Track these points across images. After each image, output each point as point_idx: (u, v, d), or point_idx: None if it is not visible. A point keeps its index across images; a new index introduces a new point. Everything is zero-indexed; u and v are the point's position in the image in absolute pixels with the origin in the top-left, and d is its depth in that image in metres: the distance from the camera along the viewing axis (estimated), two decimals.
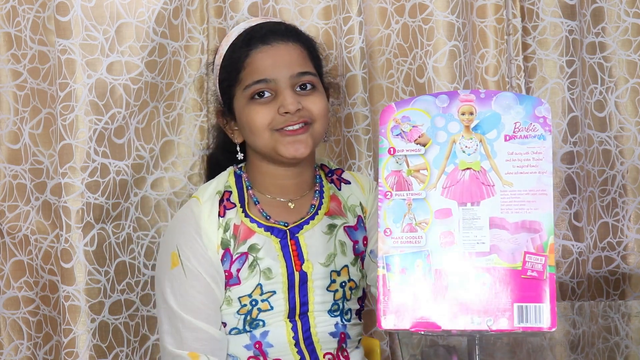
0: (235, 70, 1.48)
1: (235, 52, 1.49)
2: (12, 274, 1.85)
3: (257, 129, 1.45)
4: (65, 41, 1.73)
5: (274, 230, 1.49)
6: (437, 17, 1.87)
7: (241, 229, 1.48)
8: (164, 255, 1.47)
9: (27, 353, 1.88)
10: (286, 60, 1.46)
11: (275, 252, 1.47)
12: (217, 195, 1.50)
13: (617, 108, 2.02)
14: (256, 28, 1.50)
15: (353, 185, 1.59)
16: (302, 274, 1.48)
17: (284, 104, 1.43)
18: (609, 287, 2.06)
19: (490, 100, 1.25)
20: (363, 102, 1.85)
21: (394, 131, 1.28)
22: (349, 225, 1.54)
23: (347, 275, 1.51)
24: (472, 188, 1.25)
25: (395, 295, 1.27)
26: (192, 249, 1.44)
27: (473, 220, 1.25)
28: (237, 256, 1.46)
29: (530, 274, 1.23)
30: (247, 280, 1.46)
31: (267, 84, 1.44)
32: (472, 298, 1.24)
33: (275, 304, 1.47)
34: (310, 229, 1.51)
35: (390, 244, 1.27)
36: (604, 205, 2.05)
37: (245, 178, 1.53)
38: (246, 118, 1.46)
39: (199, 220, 1.46)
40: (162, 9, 1.81)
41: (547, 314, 1.22)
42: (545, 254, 1.22)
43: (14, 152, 1.84)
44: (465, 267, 1.25)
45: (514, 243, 1.23)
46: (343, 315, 1.52)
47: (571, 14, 1.96)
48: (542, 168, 1.22)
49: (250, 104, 1.46)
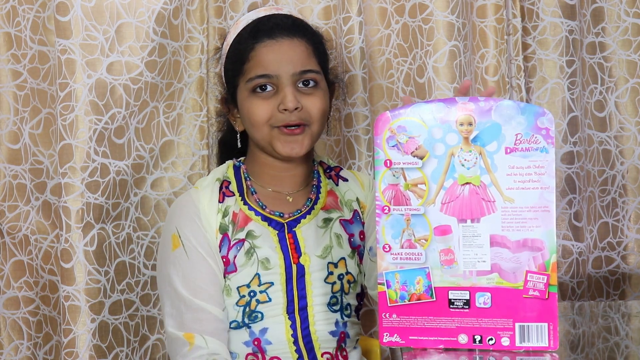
0: (240, 61, 1.49)
1: (242, 43, 1.50)
2: (12, 274, 1.85)
3: (257, 123, 1.47)
4: (65, 41, 1.73)
5: (271, 222, 1.50)
6: (437, 17, 1.87)
7: (240, 216, 1.50)
8: (165, 238, 1.50)
9: (27, 353, 1.88)
10: (290, 56, 1.47)
11: (274, 244, 1.49)
12: (217, 182, 1.52)
13: (617, 108, 2.02)
14: (263, 20, 1.51)
15: (351, 182, 1.60)
16: (299, 267, 1.49)
17: (284, 101, 1.45)
18: (609, 287, 2.06)
19: (490, 110, 1.20)
20: (363, 102, 1.85)
21: (389, 142, 1.24)
22: (345, 218, 1.55)
23: (345, 267, 1.52)
24: (472, 204, 1.22)
25: (395, 312, 1.26)
26: (192, 230, 1.46)
27: (473, 238, 1.22)
28: (234, 242, 1.48)
29: (532, 294, 1.21)
30: (244, 267, 1.47)
31: (269, 79, 1.46)
32: (474, 317, 1.23)
33: (274, 295, 1.47)
34: (307, 223, 1.52)
35: (390, 260, 1.26)
36: (604, 205, 2.04)
37: (244, 170, 1.56)
38: (247, 110, 1.48)
39: (198, 204, 1.48)
40: (162, 9, 1.80)
41: (549, 334, 1.21)
42: (548, 272, 1.19)
43: (14, 152, 1.84)
44: (466, 285, 1.23)
45: (515, 262, 1.21)
46: (343, 311, 1.52)
47: (571, 14, 1.96)
48: (544, 183, 1.19)
49: (251, 97, 1.48)
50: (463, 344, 1.24)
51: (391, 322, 1.27)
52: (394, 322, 1.27)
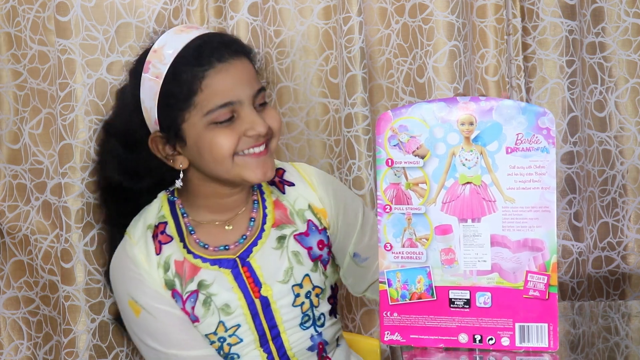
0: (187, 93, 1.34)
1: (184, 72, 1.34)
2: (12, 274, 1.85)
3: (222, 156, 1.35)
4: (65, 41, 1.73)
5: (221, 263, 1.42)
6: (437, 17, 1.87)
7: (185, 266, 1.41)
8: (123, 306, 1.43)
9: (27, 353, 1.88)
10: (245, 77, 1.36)
11: (229, 285, 1.41)
12: (148, 231, 1.43)
13: (617, 108, 2.02)
14: (203, 43, 1.35)
15: (299, 186, 1.51)
16: (262, 299, 1.42)
17: (254, 126, 1.35)
18: (609, 287, 2.06)
19: (491, 110, 1.20)
20: (363, 102, 1.85)
21: (391, 141, 1.24)
22: (299, 232, 1.47)
23: (310, 283, 1.45)
24: (473, 204, 1.22)
25: (396, 310, 1.27)
26: (143, 291, 1.40)
27: (474, 238, 1.22)
28: (187, 295, 1.40)
29: (532, 294, 1.21)
30: (205, 318, 1.41)
31: (232, 106, 1.34)
32: (474, 316, 1.24)
33: (244, 335, 1.42)
34: (259, 249, 1.44)
35: (391, 259, 1.26)
36: (604, 205, 2.04)
37: (179, 205, 1.45)
38: (209, 144, 1.35)
39: (136, 261, 1.41)
40: (162, 9, 1.80)
41: (549, 334, 1.21)
42: (548, 273, 1.19)
43: (14, 152, 1.83)
44: (466, 285, 1.24)
45: (515, 262, 1.21)
46: (316, 324, 1.47)
47: (571, 14, 1.96)
48: (545, 183, 1.19)
49: (211, 129, 1.35)
50: (463, 343, 1.24)
51: (392, 321, 1.27)
52: (395, 321, 1.27)
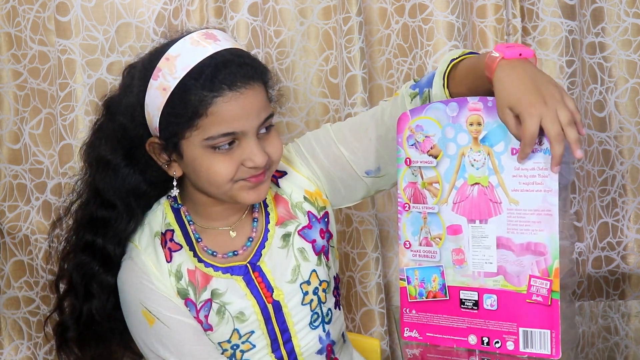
0: (191, 115, 1.27)
1: (193, 92, 1.27)
2: (12, 274, 1.85)
3: (219, 183, 1.31)
4: (65, 41, 1.73)
5: (233, 270, 1.39)
6: (437, 17, 1.87)
7: (197, 274, 1.38)
8: (136, 317, 1.38)
9: (27, 353, 1.88)
10: (255, 108, 1.29)
11: (242, 292, 1.39)
12: (156, 238, 1.39)
13: (617, 108, 2.02)
14: (218, 65, 1.28)
15: (291, 174, 1.47)
16: (275, 304, 1.40)
17: (252, 158, 1.30)
18: (608, 287, 2.06)
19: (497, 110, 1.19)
20: (363, 102, 1.85)
21: (409, 141, 1.26)
22: (303, 226, 1.44)
23: (317, 278, 1.44)
24: (481, 205, 1.22)
25: (415, 308, 1.28)
26: (156, 300, 1.36)
27: (481, 239, 1.22)
28: (201, 304, 1.38)
29: (535, 299, 1.20)
30: (219, 326, 1.38)
31: (234, 136, 1.29)
32: (482, 318, 1.24)
33: (257, 341, 1.41)
34: (267, 252, 1.42)
35: (410, 256, 1.28)
36: (604, 205, 2.04)
37: (184, 212, 1.42)
38: (206, 169, 1.30)
39: (146, 270, 1.37)
40: (162, 9, 1.80)
41: (552, 341, 1.20)
42: (550, 278, 1.18)
43: (14, 152, 1.84)
44: (475, 286, 1.24)
45: (519, 265, 1.20)
46: (324, 321, 1.46)
47: (571, 14, 1.96)
48: (547, 186, 1.17)
49: (209, 154, 1.30)
50: (472, 344, 1.25)
51: (411, 318, 1.29)
52: (413, 318, 1.29)
